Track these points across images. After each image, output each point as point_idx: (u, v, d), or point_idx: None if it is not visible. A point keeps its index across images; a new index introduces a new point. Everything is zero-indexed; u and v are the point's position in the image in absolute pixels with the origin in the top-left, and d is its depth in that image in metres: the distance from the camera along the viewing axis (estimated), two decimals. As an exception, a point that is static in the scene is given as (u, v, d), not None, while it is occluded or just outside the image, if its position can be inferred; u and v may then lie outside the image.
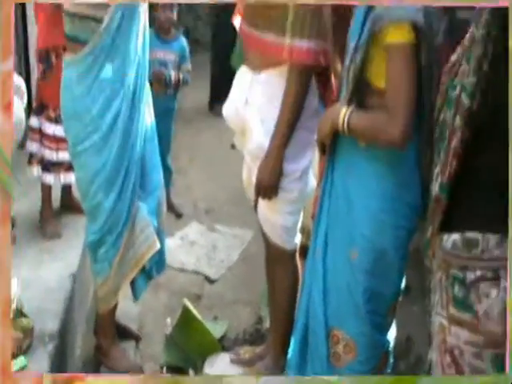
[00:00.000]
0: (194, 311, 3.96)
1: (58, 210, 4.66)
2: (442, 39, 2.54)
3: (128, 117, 3.37)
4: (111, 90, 3.31)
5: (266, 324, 4.05)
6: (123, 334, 3.96)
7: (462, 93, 2.04)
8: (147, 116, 3.56)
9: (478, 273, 1.96)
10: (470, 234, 1.96)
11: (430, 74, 2.51)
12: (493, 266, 1.95)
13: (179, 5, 5.58)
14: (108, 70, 3.27)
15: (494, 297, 1.95)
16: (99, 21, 3.18)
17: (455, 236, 2.03)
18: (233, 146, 4.03)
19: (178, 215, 5.65)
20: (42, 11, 4.35)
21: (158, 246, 3.62)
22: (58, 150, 4.33)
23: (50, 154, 4.40)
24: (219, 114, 7.08)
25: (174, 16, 5.50)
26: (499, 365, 1.98)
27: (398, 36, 2.45)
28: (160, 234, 3.69)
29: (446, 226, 2.11)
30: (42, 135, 4.41)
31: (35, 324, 3.28)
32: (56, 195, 4.61)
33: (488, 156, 2.06)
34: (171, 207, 5.43)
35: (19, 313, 3.27)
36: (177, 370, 3.89)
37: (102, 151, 3.37)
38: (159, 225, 3.68)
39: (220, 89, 7.75)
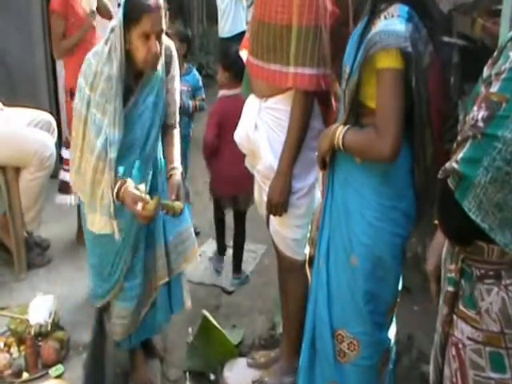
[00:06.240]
0: (213, 320, 3.96)
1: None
2: (428, 60, 2.57)
3: None
4: None
5: (280, 330, 4.04)
6: (150, 352, 3.90)
7: None
8: None
9: (483, 270, 1.94)
10: (479, 242, 1.94)
11: (419, 93, 2.55)
12: (495, 267, 1.93)
13: (189, 44, 5.56)
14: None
15: (494, 295, 1.93)
16: None
17: None
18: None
19: (196, 233, 5.63)
20: (71, 57, 4.46)
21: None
22: None
23: None
24: (231, 141, 7.13)
25: (184, 51, 5.45)
26: (498, 363, 1.95)
27: (387, 62, 2.49)
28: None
29: None
30: None
31: (70, 336, 3.31)
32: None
33: None
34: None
35: (56, 326, 3.30)
36: (198, 375, 3.89)
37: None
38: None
39: (231, 118, 7.79)
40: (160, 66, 3.18)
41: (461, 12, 5.27)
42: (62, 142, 4.79)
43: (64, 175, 4.54)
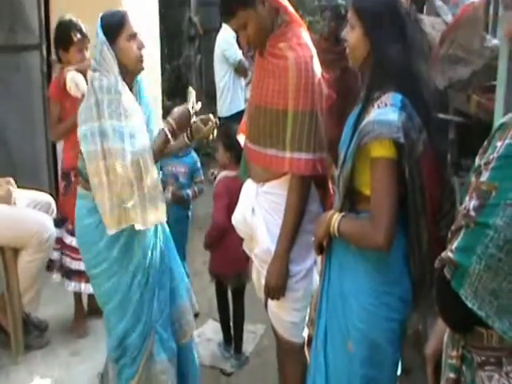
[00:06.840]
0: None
1: (85, 314, 4.71)
2: (421, 148, 2.61)
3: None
4: None
5: (280, 412, 4.01)
6: None
7: None
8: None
9: (483, 357, 1.95)
10: (478, 328, 1.95)
11: (413, 181, 2.58)
12: (495, 354, 1.94)
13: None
14: None
15: (495, 382, 1.92)
16: None
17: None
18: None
19: (195, 314, 5.59)
20: (66, 140, 4.54)
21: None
22: (76, 259, 4.39)
23: (70, 262, 4.50)
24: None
25: None
26: None
27: (380, 151, 2.53)
28: None
29: None
30: (62, 244, 4.50)
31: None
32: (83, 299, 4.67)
33: None
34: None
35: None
36: None
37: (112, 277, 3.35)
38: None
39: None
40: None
41: (456, 89, 5.36)
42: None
43: (52, 254, 4.53)
